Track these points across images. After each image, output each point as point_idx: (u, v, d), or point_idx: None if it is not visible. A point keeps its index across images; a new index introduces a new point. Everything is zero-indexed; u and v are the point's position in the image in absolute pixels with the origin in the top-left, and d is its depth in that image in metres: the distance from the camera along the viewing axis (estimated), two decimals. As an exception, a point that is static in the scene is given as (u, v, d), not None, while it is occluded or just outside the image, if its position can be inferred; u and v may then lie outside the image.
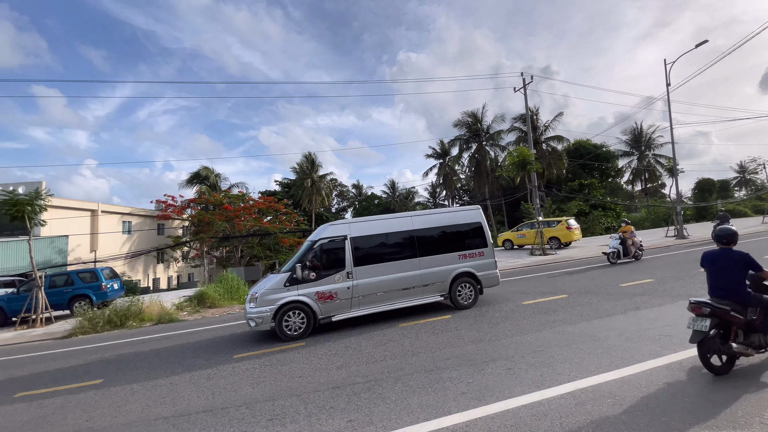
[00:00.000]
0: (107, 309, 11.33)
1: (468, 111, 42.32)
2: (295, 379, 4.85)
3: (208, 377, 5.33)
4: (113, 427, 4.00)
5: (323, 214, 51.73)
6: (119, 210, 32.71)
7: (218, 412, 4.06)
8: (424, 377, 4.43)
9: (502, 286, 10.67)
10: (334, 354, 5.78)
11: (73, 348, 8.71)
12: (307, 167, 46.47)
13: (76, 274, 14.58)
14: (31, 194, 12.68)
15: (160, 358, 6.71)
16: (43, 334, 10.84)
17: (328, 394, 4.24)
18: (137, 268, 33.02)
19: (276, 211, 34.26)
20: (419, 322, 7.28)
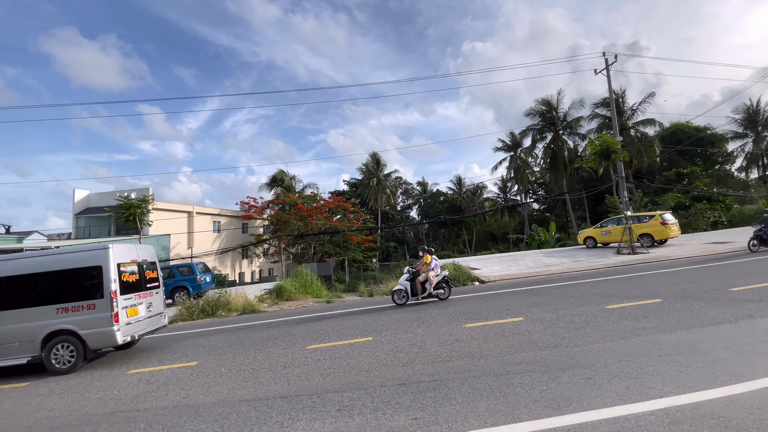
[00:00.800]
0: (201, 299, 12.78)
1: (541, 98, 39.52)
2: (362, 373, 4.98)
3: (284, 365, 5.72)
4: (204, 405, 4.49)
5: (389, 212, 52.48)
6: (210, 211, 36.60)
7: (292, 399, 4.34)
8: (492, 381, 4.26)
9: (582, 287, 9.83)
10: (399, 351, 5.83)
11: (175, 333, 9.97)
12: (372, 166, 47.51)
13: (176, 268, 16.65)
14: (140, 199, 14.79)
15: (244, 346, 7.37)
16: (152, 319, 12.57)
17: (394, 390, 4.29)
18: (226, 262, 36.66)
19: (344, 210, 35.61)
20: (487, 323, 7.02)
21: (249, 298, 13.57)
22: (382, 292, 15.38)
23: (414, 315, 8.60)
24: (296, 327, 8.80)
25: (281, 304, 13.76)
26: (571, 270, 13.61)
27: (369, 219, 41.41)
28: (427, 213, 52.05)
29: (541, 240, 30.46)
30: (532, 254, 20.80)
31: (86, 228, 31.07)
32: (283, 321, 9.98)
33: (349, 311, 10.52)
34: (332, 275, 25.65)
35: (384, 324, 8.00)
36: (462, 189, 53.06)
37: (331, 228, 32.55)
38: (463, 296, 10.72)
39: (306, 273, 16.46)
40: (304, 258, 35.42)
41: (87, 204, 31.82)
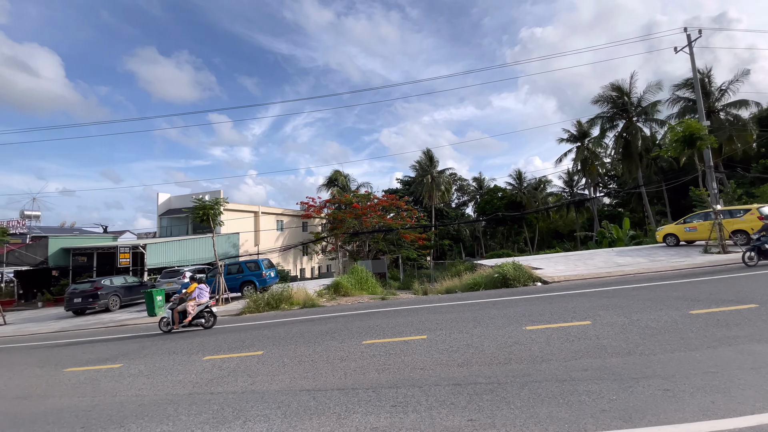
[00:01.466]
0: (266, 293, 13.64)
1: (611, 83, 36.26)
2: (417, 371, 4.98)
3: (342, 359, 5.91)
4: (269, 392, 4.79)
5: (443, 210, 51.71)
6: (274, 211, 38.90)
7: (349, 392, 4.47)
8: (555, 386, 4.02)
9: (661, 290, 8.90)
10: (455, 351, 5.73)
11: (243, 323, 10.74)
12: (425, 163, 47.07)
13: (245, 264, 17.93)
14: (213, 201, 16.13)
15: (305, 338, 7.74)
16: (224, 311, 13.67)
17: (449, 389, 4.23)
18: (288, 259, 38.74)
19: (398, 208, 35.77)
20: (550, 326, 6.63)
21: (309, 292, 14.19)
22: (436, 290, 15.23)
23: (470, 315, 8.40)
24: (353, 322, 9.04)
25: (338, 299, 14.22)
26: (648, 270, 12.38)
27: (422, 217, 41.22)
28: (483, 210, 50.33)
29: (612, 238, 28.01)
30: (603, 253, 19.24)
31: (168, 227, 34.64)
32: (341, 316, 10.30)
33: (404, 308, 10.57)
34: (386, 273, 25.94)
35: (439, 323, 7.92)
36: (522, 184, 50.51)
37: (385, 226, 32.91)
38: (523, 298, 10.25)
39: (361, 270, 16.82)
40: (359, 255, 36.24)
41: (168, 206, 35.46)
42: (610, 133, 37.15)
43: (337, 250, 38.14)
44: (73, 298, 16.94)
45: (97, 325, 13.58)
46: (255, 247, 34.48)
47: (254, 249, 33.94)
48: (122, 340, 9.95)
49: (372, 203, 34.54)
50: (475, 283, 13.48)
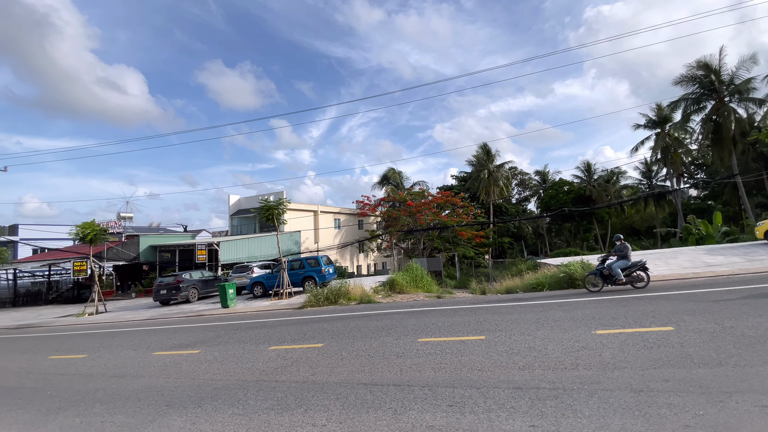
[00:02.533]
0: (325, 288, 14.18)
1: (696, 61, 32.04)
2: (474, 372, 4.85)
3: (397, 355, 5.95)
4: (328, 384, 4.97)
5: (502, 206, 49.65)
6: (331, 210, 40.28)
7: (405, 388, 4.48)
8: (629, 397, 3.68)
9: (761, 293, 7.73)
10: (515, 353, 5.49)
11: (304, 317, 11.27)
12: (482, 158, 45.36)
13: (306, 260, 18.79)
14: (276, 201, 17.13)
15: (361, 333, 7.92)
16: (287, 305, 14.47)
17: (509, 393, 4.06)
18: (345, 256, 39.89)
19: (453, 205, 35.06)
20: (624, 331, 6.08)
21: (365, 289, 14.48)
22: (495, 290, 14.72)
23: (533, 317, 7.99)
24: (408, 319, 9.05)
25: (394, 296, 14.33)
26: (744, 271, 10.83)
27: (480, 213, 39.94)
28: (548, 205, 47.39)
29: (700, 234, 24.84)
30: (689, 251, 17.20)
31: (238, 226, 37.43)
32: (396, 313, 10.37)
33: (460, 308, 10.35)
34: (442, 271, 25.60)
35: (498, 324, 7.64)
36: (592, 176, 46.58)
37: (440, 223, 32.46)
38: (592, 299, 9.52)
39: (416, 268, 16.78)
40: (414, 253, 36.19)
41: (238, 207, 38.30)
42: (697, 117, 32.80)
43: (391, 247, 38.47)
44: (160, 290, 19.02)
45: (178, 315, 15.11)
46: (315, 244, 36.01)
47: (314, 246, 35.46)
48: (200, 329, 10.95)
49: (426, 200, 34.24)
50: (538, 283, 12.82)
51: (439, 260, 27.93)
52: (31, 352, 10.03)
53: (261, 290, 18.19)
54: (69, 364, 7.89)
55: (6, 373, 7.63)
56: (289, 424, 3.83)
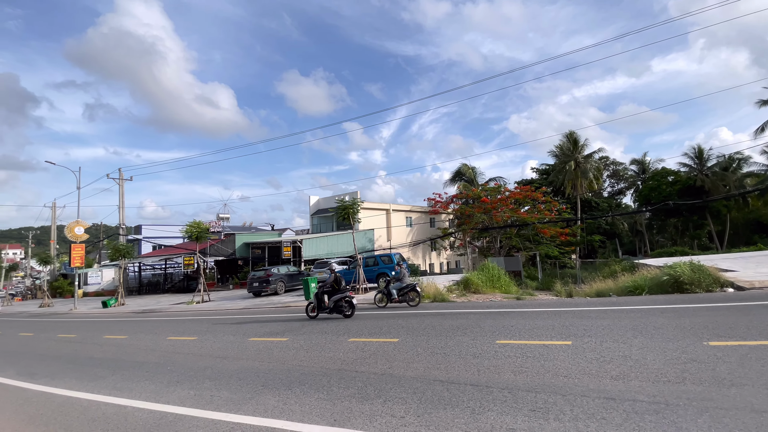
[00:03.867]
0: (399, 286, 14.40)
1: None
2: (559, 378, 4.57)
3: (474, 355, 5.84)
4: (405, 378, 5.08)
5: (592, 200, 45.23)
6: (403, 208, 40.68)
7: (483, 389, 4.40)
8: (750, 418, 3.16)
9: None
10: (607, 362, 5.03)
11: (379, 312, 11.59)
12: (567, 148, 41.58)
13: (380, 257, 19.32)
14: (351, 201, 17.88)
15: (436, 331, 7.92)
16: (363, 299, 15.00)
17: (600, 403, 3.75)
18: (417, 254, 40.01)
19: (533, 201, 32.94)
20: (746, 343, 5.20)
21: (438, 287, 14.39)
22: (583, 293, 13.59)
23: (629, 323, 7.23)
24: (484, 320, 8.80)
25: (468, 296, 14.01)
26: None
27: (565, 209, 36.94)
28: (647, 198, 41.90)
29: None
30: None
31: (318, 225, 39.81)
32: (471, 312, 10.14)
33: (543, 310, 9.76)
34: (522, 271, 24.25)
35: (587, 329, 7.05)
36: (704, 164, 40.01)
37: (518, 220, 30.74)
38: (704, 306, 8.30)
39: (492, 267, 16.18)
40: (490, 252, 34.84)
41: (318, 206, 40.71)
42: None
43: (465, 246, 37.52)
44: (253, 283, 21.10)
45: (269, 305, 16.61)
46: (387, 242, 36.73)
47: (386, 244, 36.18)
48: (287, 320, 11.93)
49: (503, 196, 32.66)
50: (635, 286, 11.55)
51: (518, 260, 26.52)
52: (153, 333, 11.88)
53: (339, 285, 19.17)
54: (183, 345, 9.19)
55: (136, 350, 9.16)
56: (369, 413, 4.02)
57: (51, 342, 11.78)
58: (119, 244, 27.90)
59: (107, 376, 6.73)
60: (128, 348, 9.44)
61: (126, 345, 9.90)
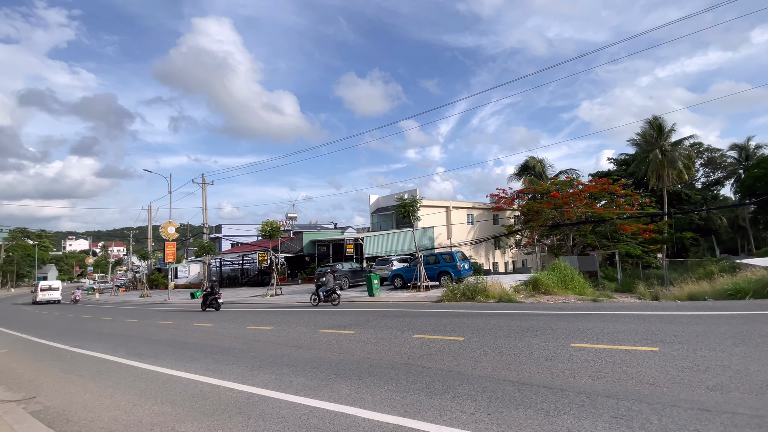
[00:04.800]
0: (461, 284, 14.21)
1: None
2: (644, 385, 4.23)
3: (546, 358, 5.61)
4: (473, 376, 5.06)
5: (681, 192, 40.28)
6: (464, 205, 39.78)
7: (557, 392, 4.23)
8: None
9: None
10: (702, 371, 4.54)
11: (443, 310, 11.57)
12: (650, 135, 37.28)
13: (440, 255, 19.18)
14: (410, 199, 17.98)
15: (504, 331, 7.71)
16: (425, 297, 15.06)
17: (692, 414, 3.42)
18: (480, 252, 38.90)
19: (611, 194, 30.25)
20: None
21: (504, 287, 13.93)
22: (672, 296, 12.31)
23: (728, 330, 6.42)
24: (557, 322, 8.37)
25: (538, 297, 13.37)
26: None
27: (648, 203, 33.38)
28: (751, 189, 36.24)
29: None
30: None
31: (378, 223, 40.57)
32: (542, 314, 9.69)
33: (624, 314, 9.01)
34: (598, 271, 22.44)
35: (676, 335, 6.40)
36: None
37: (594, 216, 28.42)
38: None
39: (565, 267, 15.24)
40: (561, 250, 32.72)
41: (377, 205, 41.48)
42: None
43: (533, 244, 35.63)
44: (319, 278, 22.19)
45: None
46: (448, 240, 36.22)
47: (447, 242, 35.69)
48: (353, 313, 12.40)
49: (575, 190, 30.42)
50: (737, 290, 10.23)
51: (594, 259, 24.57)
52: (236, 322, 13.08)
53: (400, 282, 19.37)
54: (262, 333, 10.02)
55: (222, 337, 10.17)
56: (438, 407, 4.08)
57: (152, 327, 13.53)
58: (203, 242, 31.07)
59: (200, 358, 7.60)
60: (215, 335, 10.53)
61: (213, 332, 11.05)
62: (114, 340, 10.93)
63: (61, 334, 13.40)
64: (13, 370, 7.97)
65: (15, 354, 9.92)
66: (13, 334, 14.25)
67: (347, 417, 4.03)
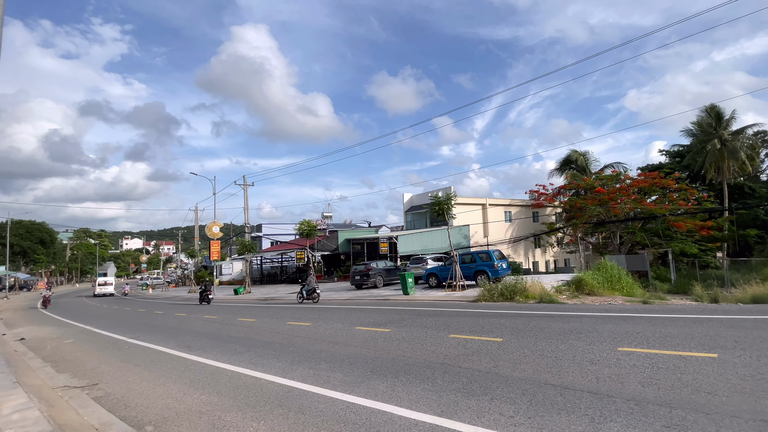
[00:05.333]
0: (499, 284, 13.85)
1: None
2: (700, 394, 3.92)
3: (591, 362, 5.35)
4: (512, 378, 4.92)
5: (744, 185, 36.83)
6: (501, 202, 38.71)
7: (603, 398, 4.02)
8: None
9: None
10: (763, 379, 4.14)
11: (479, 310, 11.33)
12: (708, 124, 34.26)
13: (477, 254, 18.79)
14: (445, 197, 17.76)
15: (544, 333, 7.44)
16: (461, 297, 14.82)
17: (755, 426, 3.13)
18: (519, 251, 37.72)
19: (663, 189, 28.25)
20: None
21: (545, 287, 13.42)
22: (734, 298, 11.36)
23: (801, 336, 5.81)
24: (602, 324, 7.96)
25: (581, 297, 12.77)
26: None
27: (706, 198, 30.84)
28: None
29: None
30: None
31: (412, 221, 40.44)
32: (586, 316, 9.25)
33: (678, 317, 8.41)
34: (649, 271, 21.04)
35: (738, 340, 5.89)
36: None
37: (644, 212, 26.66)
38: None
39: (611, 266, 14.43)
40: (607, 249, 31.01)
41: (411, 203, 41.35)
42: None
43: (576, 242, 34.03)
44: (355, 276, 22.51)
45: (369, 297, 17.54)
46: (484, 238, 35.41)
47: (483, 240, 34.90)
48: (387, 311, 12.46)
49: (623, 185, 28.68)
50: (809, 292, 9.18)
51: (644, 258, 23.06)
52: (276, 317, 13.55)
53: (435, 281, 19.19)
54: (300, 329, 10.31)
55: (263, 332, 10.57)
56: (476, 408, 4.01)
57: (199, 321, 14.32)
58: (245, 240, 32.44)
59: (243, 352, 7.95)
60: (257, 329, 10.97)
61: (255, 327, 11.52)
62: (165, 333, 11.69)
63: (119, 326, 14.51)
64: (78, 358, 8.74)
65: (80, 344, 10.87)
66: (78, 325, 15.62)
67: (384, 414, 4.05)
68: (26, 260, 66.78)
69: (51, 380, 6.76)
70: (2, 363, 7.68)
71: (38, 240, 68.25)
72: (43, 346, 10.74)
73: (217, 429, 4.07)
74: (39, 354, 9.55)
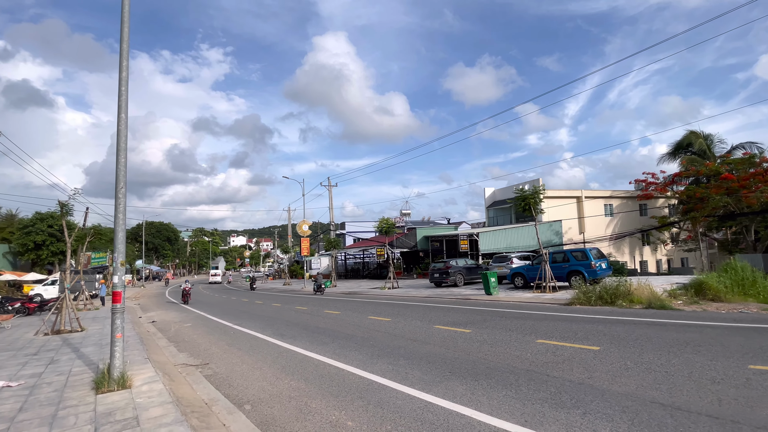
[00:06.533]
0: (597, 286, 12.47)
1: None
2: None
3: (713, 380, 4.51)
4: (610, 392, 4.38)
5: None
6: (600, 194, 34.83)
7: (727, 424, 3.36)
8: None
9: None
10: None
11: (573, 314, 10.35)
12: None
13: (570, 253, 17.18)
14: (532, 190, 16.55)
15: (652, 343, 6.50)
16: (551, 299, 13.71)
17: None
18: (623, 249, 33.62)
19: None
20: None
21: (655, 290, 11.72)
22: None
23: None
24: (730, 337, 6.67)
25: (703, 304, 10.87)
26: None
27: None
28: None
29: None
30: None
31: (494, 217, 38.66)
32: (708, 326, 7.84)
33: (844, 332, 6.65)
34: (798, 273, 17.04)
35: None
36: None
37: (791, 203, 21.67)
38: None
39: (743, 267, 12.02)
40: (737, 246, 25.96)
41: (493, 198, 39.53)
42: None
43: (696, 238, 29.08)
44: (434, 273, 22.32)
45: (449, 296, 17.23)
46: (579, 235, 32.24)
47: (578, 237, 31.78)
48: (468, 311, 12.10)
49: (758, 170, 23.74)
50: None
51: (788, 258, 18.79)
52: (358, 311, 14.10)
53: (521, 281, 18.05)
54: (380, 324, 10.57)
55: (346, 325, 11.07)
56: (566, 422, 3.66)
57: (291, 312, 15.57)
58: (331, 238, 34.41)
59: (329, 342, 8.42)
60: (341, 322, 11.54)
61: (339, 319, 12.13)
62: (264, 321, 12.97)
63: (227, 313, 16.51)
64: (194, 340, 10.16)
65: (196, 328, 12.63)
66: (195, 311, 18.16)
67: (462, 417, 3.93)
68: (157, 255, 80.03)
69: (173, 358, 7.98)
70: (138, 342, 9.30)
71: (166, 238, 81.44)
72: (168, 329, 12.73)
73: (304, 414, 4.37)
74: (165, 335, 11.34)
